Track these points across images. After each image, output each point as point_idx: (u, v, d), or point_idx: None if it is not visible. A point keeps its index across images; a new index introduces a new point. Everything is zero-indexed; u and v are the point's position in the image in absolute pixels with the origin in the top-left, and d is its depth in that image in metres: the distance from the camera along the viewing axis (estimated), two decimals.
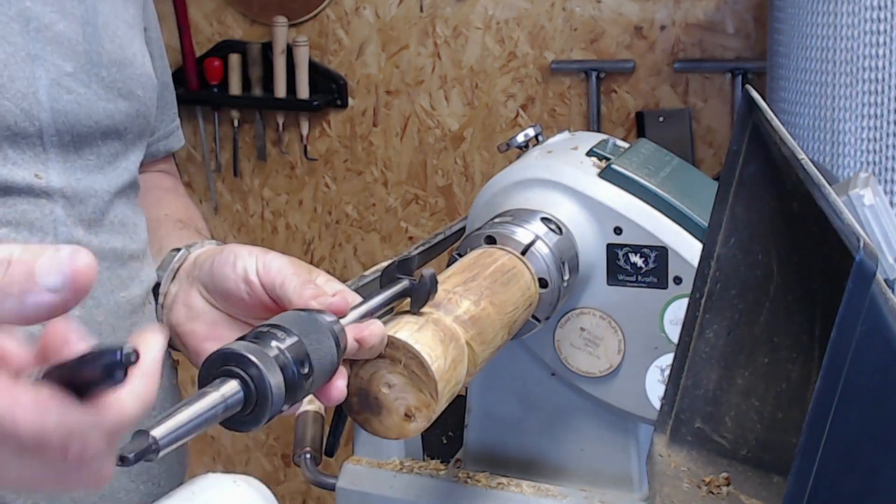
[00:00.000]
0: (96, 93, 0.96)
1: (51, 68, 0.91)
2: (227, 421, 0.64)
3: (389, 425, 0.77)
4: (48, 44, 0.92)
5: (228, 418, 0.64)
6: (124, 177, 1.00)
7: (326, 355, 0.69)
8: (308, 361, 0.67)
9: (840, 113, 1.63)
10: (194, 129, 2.85)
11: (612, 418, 1.08)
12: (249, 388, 0.64)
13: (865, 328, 0.55)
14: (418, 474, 1.13)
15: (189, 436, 0.60)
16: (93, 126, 0.95)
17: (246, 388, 0.64)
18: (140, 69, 1.02)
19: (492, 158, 2.60)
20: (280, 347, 0.66)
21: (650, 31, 2.43)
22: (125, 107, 0.99)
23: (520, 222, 0.99)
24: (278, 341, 0.66)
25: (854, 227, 0.57)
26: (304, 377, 0.67)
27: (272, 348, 0.66)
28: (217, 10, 2.77)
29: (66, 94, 0.92)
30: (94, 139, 0.96)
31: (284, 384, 0.65)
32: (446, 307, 0.83)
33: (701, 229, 0.99)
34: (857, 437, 0.58)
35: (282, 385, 0.65)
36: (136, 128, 1.02)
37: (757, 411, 0.77)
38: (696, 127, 2.43)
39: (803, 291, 0.74)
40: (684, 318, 0.82)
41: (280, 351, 0.66)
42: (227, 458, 3.01)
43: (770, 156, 0.77)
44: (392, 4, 2.61)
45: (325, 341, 0.69)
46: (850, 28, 1.60)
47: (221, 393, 0.63)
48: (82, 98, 0.94)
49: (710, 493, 0.77)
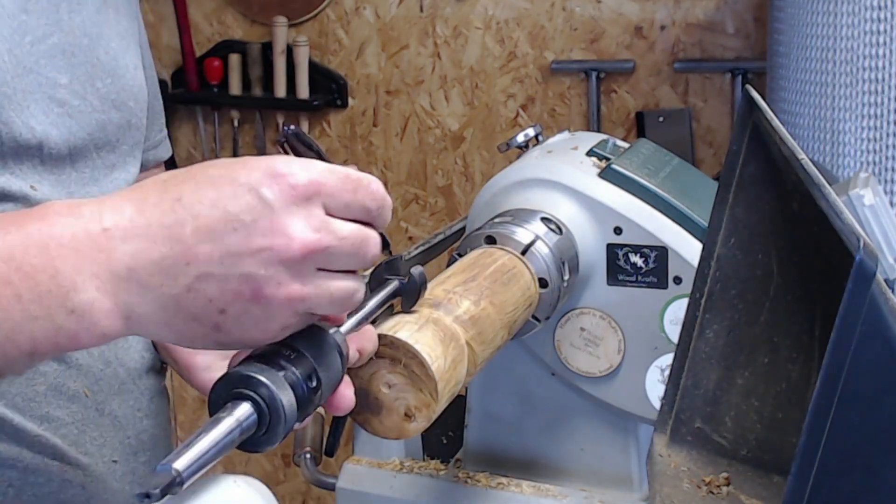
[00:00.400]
0: (90, 104, 0.96)
1: (44, 81, 0.91)
2: (244, 443, 0.65)
3: (389, 425, 0.77)
4: (42, 56, 0.91)
5: (245, 440, 0.64)
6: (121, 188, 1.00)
7: (332, 367, 0.69)
8: (315, 375, 0.67)
9: (840, 113, 1.63)
10: (194, 129, 2.85)
11: (612, 418, 1.08)
12: (262, 409, 0.64)
13: (865, 328, 0.55)
14: (418, 474, 1.13)
15: (210, 463, 0.61)
16: (86, 138, 0.95)
17: (258, 410, 0.64)
18: (132, 80, 1.02)
19: (492, 158, 2.60)
20: (288, 365, 0.66)
21: (650, 31, 2.43)
22: (117, 118, 0.99)
23: (520, 222, 0.99)
24: (285, 359, 0.66)
25: (854, 227, 0.57)
26: (312, 391, 0.67)
27: (280, 366, 0.66)
28: (217, 10, 2.77)
29: (58, 108, 0.92)
30: (89, 151, 0.96)
31: (296, 401, 0.66)
32: (446, 307, 0.83)
33: (701, 229, 0.99)
34: (857, 437, 0.58)
35: (293, 402, 0.65)
36: (129, 139, 1.02)
37: (757, 411, 0.77)
38: (696, 127, 2.43)
39: (803, 291, 0.74)
40: (684, 318, 0.82)
41: (288, 369, 0.66)
42: (227, 458, 3.01)
43: (770, 156, 0.77)
44: (392, 4, 2.61)
45: (329, 353, 0.69)
46: (850, 28, 1.60)
47: (236, 417, 0.63)
48: (74, 110, 0.94)
49: (710, 493, 0.77)
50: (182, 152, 2.87)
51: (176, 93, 2.77)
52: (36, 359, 0.65)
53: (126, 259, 0.63)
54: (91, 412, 0.97)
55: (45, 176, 0.91)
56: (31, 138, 0.89)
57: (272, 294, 0.63)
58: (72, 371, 0.95)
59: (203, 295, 0.63)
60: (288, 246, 0.63)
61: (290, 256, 0.63)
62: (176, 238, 0.63)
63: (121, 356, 1.01)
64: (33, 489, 0.93)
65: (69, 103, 0.93)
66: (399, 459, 1.14)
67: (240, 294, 0.63)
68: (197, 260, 0.63)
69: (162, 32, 2.79)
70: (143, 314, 0.64)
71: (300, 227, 0.63)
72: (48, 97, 0.91)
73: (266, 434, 0.65)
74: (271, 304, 0.64)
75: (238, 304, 0.63)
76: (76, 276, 0.63)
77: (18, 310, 0.62)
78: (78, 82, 0.94)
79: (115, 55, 1.00)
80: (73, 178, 0.94)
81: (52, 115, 0.92)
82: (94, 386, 0.98)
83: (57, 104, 0.92)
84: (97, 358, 0.98)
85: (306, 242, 0.63)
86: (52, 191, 0.92)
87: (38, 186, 0.90)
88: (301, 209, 0.63)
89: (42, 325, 0.63)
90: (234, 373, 0.65)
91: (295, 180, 0.64)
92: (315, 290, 0.64)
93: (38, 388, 0.92)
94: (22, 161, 0.89)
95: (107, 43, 0.99)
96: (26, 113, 0.89)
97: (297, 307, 0.64)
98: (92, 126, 0.96)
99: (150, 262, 0.63)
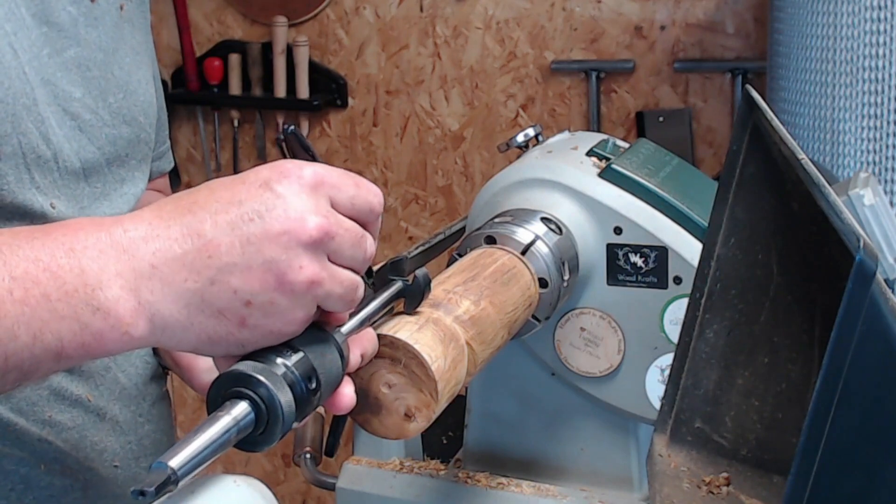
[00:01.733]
0: (101, 119, 0.96)
1: (59, 94, 0.91)
2: (241, 442, 0.65)
3: (389, 425, 0.77)
4: (58, 69, 0.92)
5: (241, 439, 0.65)
6: (131, 203, 1.00)
7: (332, 368, 0.69)
8: (315, 376, 0.67)
9: (840, 113, 1.63)
10: (194, 129, 2.85)
11: (612, 418, 1.08)
12: (260, 408, 0.64)
13: (865, 328, 0.55)
14: (418, 474, 1.13)
15: (206, 462, 0.61)
16: (96, 152, 0.95)
17: (256, 409, 0.64)
18: (143, 96, 1.03)
19: (492, 158, 2.60)
20: (286, 364, 0.66)
21: (650, 31, 2.43)
22: (128, 133, 0.99)
23: (520, 222, 0.99)
24: (284, 358, 0.67)
25: (854, 227, 0.57)
26: (311, 392, 0.67)
27: (279, 366, 0.66)
28: (217, 10, 2.77)
29: (71, 121, 0.92)
30: (100, 166, 0.96)
31: (294, 401, 0.66)
32: (446, 307, 0.82)
33: (701, 229, 0.99)
34: (857, 437, 0.58)
35: (291, 402, 0.65)
36: (138, 153, 1.02)
37: (757, 411, 0.77)
38: (696, 127, 2.43)
39: (803, 291, 0.74)
40: (684, 318, 0.82)
41: (287, 368, 0.66)
42: (227, 458, 3.02)
43: (770, 156, 0.77)
44: (392, 4, 2.61)
45: (329, 354, 0.69)
46: (850, 28, 1.60)
47: (233, 416, 0.63)
48: (86, 124, 0.94)
49: (710, 493, 0.77)
50: (182, 152, 2.87)
51: (176, 93, 2.77)
52: (63, 361, 0.66)
53: (149, 257, 0.65)
54: (92, 417, 0.97)
55: (63, 190, 0.92)
56: (47, 151, 0.89)
57: (294, 278, 0.65)
58: (74, 376, 0.95)
59: (227, 286, 0.65)
60: (304, 227, 0.65)
61: (307, 238, 0.65)
62: (196, 233, 0.65)
63: (121, 362, 1.01)
64: (35, 493, 0.93)
65: (81, 117, 0.93)
66: (399, 459, 1.14)
67: (264, 282, 0.65)
68: (218, 251, 0.65)
69: (162, 32, 2.79)
70: (167, 314, 0.65)
71: (312, 212, 0.66)
72: (62, 110, 0.92)
73: (263, 434, 0.65)
74: (296, 290, 0.65)
75: (263, 293, 0.65)
76: (101, 275, 0.64)
77: (46, 309, 0.64)
78: (90, 97, 0.95)
79: (129, 70, 1.00)
80: (86, 192, 0.95)
81: (66, 128, 0.92)
82: (96, 391, 0.98)
83: (70, 117, 0.92)
84: (98, 363, 0.98)
85: (320, 224, 0.66)
86: (66, 206, 0.92)
87: (56, 203, 0.91)
88: (310, 198, 0.66)
89: (69, 324, 0.64)
90: (233, 371, 0.65)
91: (302, 173, 0.67)
92: (330, 275, 0.67)
93: (41, 393, 0.92)
94: (45, 175, 0.90)
95: (121, 58, 0.99)
96: (45, 125, 0.89)
97: (316, 291, 0.66)
98: (102, 140, 0.96)
99: (173, 258, 0.65)
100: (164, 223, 0.66)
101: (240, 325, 0.66)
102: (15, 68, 0.86)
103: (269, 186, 0.66)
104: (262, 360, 0.66)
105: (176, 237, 0.65)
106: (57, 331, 0.64)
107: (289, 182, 0.66)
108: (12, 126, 0.86)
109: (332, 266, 0.67)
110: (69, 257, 0.65)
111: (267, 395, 0.64)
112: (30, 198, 0.88)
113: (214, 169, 2.86)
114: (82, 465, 0.96)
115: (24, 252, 0.65)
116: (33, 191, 0.89)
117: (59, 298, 0.64)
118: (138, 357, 1.04)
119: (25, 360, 0.64)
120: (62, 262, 0.64)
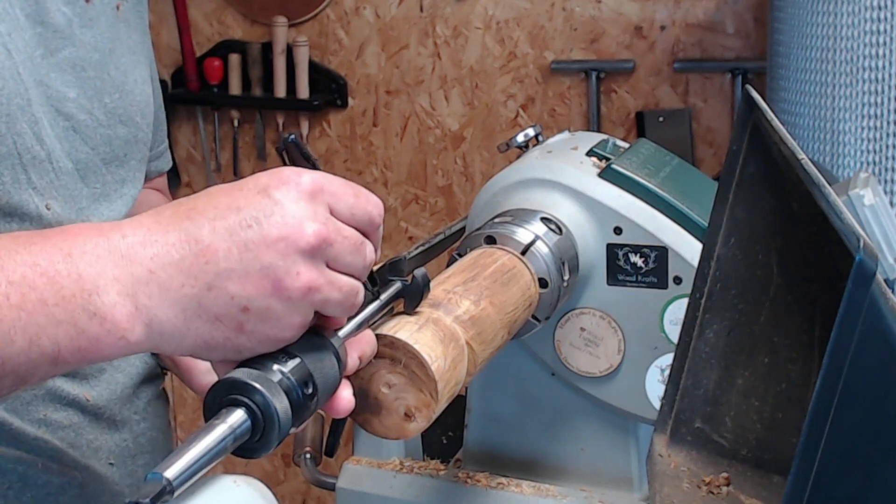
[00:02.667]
0: (96, 119, 0.96)
1: (53, 94, 0.91)
2: (238, 449, 0.65)
3: (389, 425, 0.77)
4: (52, 70, 0.92)
5: (239, 447, 0.65)
6: (129, 204, 1.00)
7: (329, 373, 0.69)
8: (312, 381, 0.67)
9: (840, 113, 1.63)
10: (194, 129, 2.85)
11: (612, 418, 1.08)
12: (256, 416, 0.64)
13: (865, 328, 0.55)
14: (418, 474, 1.13)
15: (202, 471, 0.61)
16: (90, 153, 0.95)
17: (252, 416, 0.64)
18: (140, 96, 1.02)
19: (492, 158, 2.60)
20: (283, 371, 0.66)
21: (650, 31, 2.43)
22: (124, 133, 0.99)
23: (520, 222, 0.99)
24: (280, 364, 0.66)
25: (854, 227, 0.57)
26: (308, 397, 0.67)
27: (275, 372, 0.66)
28: (217, 10, 2.77)
29: (64, 121, 0.92)
30: (97, 166, 0.96)
31: (290, 407, 0.66)
32: (446, 307, 0.82)
33: (701, 229, 0.99)
34: (857, 437, 0.58)
35: (288, 409, 0.65)
36: (136, 154, 1.02)
37: (757, 411, 0.77)
38: (696, 127, 2.43)
39: (803, 291, 0.74)
40: (684, 318, 0.82)
41: (283, 374, 0.66)
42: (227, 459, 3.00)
43: (770, 156, 0.77)
44: (392, 4, 2.61)
45: (326, 359, 0.69)
46: (850, 28, 1.60)
47: (229, 424, 0.63)
48: (80, 125, 0.94)
49: (710, 493, 0.77)
50: (182, 152, 2.87)
51: (176, 93, 2.77)
52: (59, 366, 0.66)
53: (146, 262, 0.65)
54: (88, 416, 0.97)
55: (61, 191, 0.92)
56: (42, 152, 0.89)
57: (291, 285, 0.65)
58: (70, 375, 0.95)
59: (225, 292, 0.65)
60: (302, 234, 0.65)
61: (305, 244, 0.65)
62: (194, 239, 0.65)
63: (117, 361, 1.01)
64: (32, 492, 0.93)
65: (75, 117, 0.93)
66: (399, 459, 1.14)
67: (261, 288, 0.65)
68: (216, 257, 0.65)
69: (162, 32, 2.79)
70: (164, 319, 0.65)
71: (310, 219, 0.66)
72: (56, 111, 0.92)
73: (260, 440, 0.65)
74: (292, 296, 0.65)
75: (260, 299, 0.65)
76: (98, 280, 0.64)
77: (43, 314, 0.64)
78: (85, 97, 0.94)
79: (125, 70, 1.00)
80: (84, 193, 0.94)
81: (59, 128, 0.92)
82: (92, 390, 0.98)
83: (64, 118, 0.92)
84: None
85: (318, 231, 0.66)
86: (63, 208, 0.92)
87: (52, 204, 0.91)
88: (308, 205, 0.67)
89: (66, 329, 0.64)
90: (229, 379, 0.65)
91: (300, 180, 0.67)
92: (328, 281, 0.67)
93: (36, 392, 0.92)
94: (41, 176, 0.90)
95: (118, 58, 0.99)
96: (38, 126, 0.89)
97: (313, 298, 0.66)
98: (97, 141, 0.96)
99: (170, 263, 0.65)
100: (163, 228, 0.66)
101: (237, 330, 0.66)
102: (9, 69, 0.86)
103: (268, 193, 0.66)
104: (258, 367, 0.66)
105: (174, 242, 0.65)
106: (53, 335, 0.64)
107: (287, 189, 0.67)
108: (7, 127, 0.86)
109: (331, 272, 0.67)
110: (67, 262, 0.65)
111: (263, 403, 0.64)
112: (26, 198, 0.88)
113: (214, 169, 2.86)
114: (79, 463, 0.96)
115: (22, 257, 0.65)
116: (29, 191, 0.88)
117: (56, 303, 0.64)
118: (136, 356, 1.04)
119: (21, 365, 0.64)
120: (60, 268, 0.64)
